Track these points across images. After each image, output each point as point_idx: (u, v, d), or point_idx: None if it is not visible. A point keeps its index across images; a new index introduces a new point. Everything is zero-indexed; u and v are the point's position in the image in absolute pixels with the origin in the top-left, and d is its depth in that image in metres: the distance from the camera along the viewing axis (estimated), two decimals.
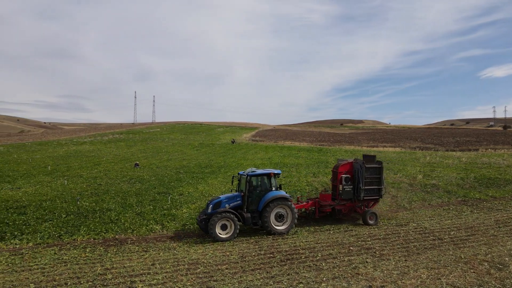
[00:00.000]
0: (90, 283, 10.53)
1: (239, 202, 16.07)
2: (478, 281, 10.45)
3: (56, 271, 11.55)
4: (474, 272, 11.09)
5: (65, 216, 17.40)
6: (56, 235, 15.30)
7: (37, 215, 17.36)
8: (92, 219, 17.14)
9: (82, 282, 10.60)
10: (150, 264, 12.12)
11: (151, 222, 17.01)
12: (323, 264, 11.92)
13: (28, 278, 10.91)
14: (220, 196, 16.52)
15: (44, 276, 11.12)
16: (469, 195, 23.05)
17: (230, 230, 15.20)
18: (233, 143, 56.77)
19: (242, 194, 16.23)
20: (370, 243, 14.36)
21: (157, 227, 16.55)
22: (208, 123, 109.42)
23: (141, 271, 11.45)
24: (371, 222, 17.24)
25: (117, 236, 15.44)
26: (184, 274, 11.17)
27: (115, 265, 12.02)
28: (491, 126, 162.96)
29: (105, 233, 15.67)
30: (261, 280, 10.63)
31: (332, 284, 10.33)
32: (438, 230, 16.15)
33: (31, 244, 14.47)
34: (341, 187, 17.92)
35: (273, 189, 16.42)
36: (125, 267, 11.86)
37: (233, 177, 17.80)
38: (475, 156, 39.95)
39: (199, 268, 11.64)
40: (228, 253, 13.26)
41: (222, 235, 15.06)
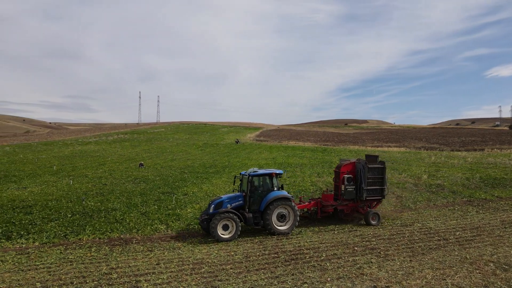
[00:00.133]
0: (95, 282, 10.60)
1: (241, 202, 16.03)
2: (483, 281, 10.39)
3: (62, 270, 11.63)
4: (479, 273, 11.03)
5: (70, 215, 17.54)
6: (62, 235, 15.41)
7: (43, 215, 17.51)
8: (98, 218, 17.25)
9: (87, 281, 10.68)
10: (155, 263, 12.17)
11: (155, 222, 17.08)
12: (328, 264, 11.91)
13: (34, 277, 11.00)
14: (222, 196, 16.50)
15: (50, 275, 11.21)
16: (474, 196, 22.90)
17: (231, 230, 15.15)
18: (237, 143, 56.82)
19: (244, 194, 16.17)
20: (374, 243, 14.32)
21: (162, 227, 16.62)
22: (212, 123, 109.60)
23: (146, 270, 11.50)
24: (373, 222, 17.18)
25: (122, 236, 15.52)
26: (188, 273, 11.21)
27: (120, 265, 12.09)
28: (497, 125, 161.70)
29: (110, 232, 15.77)
30: (265, 280, 10.64)
31: (337, 284, 10.32)
32: (443, 230, 16.07)
33: (37, 244, 14.59)
34: (343, 187, 17.86)
35: (275, 189, 16.36)
36: (130, 266, 11.92)
37: (235, 177, 17.76)
38: (480, 156, 39.70)
39: (203, 268, 11.67)
40: (232, 253, 13.28)
41: (224, 235, 15.02)
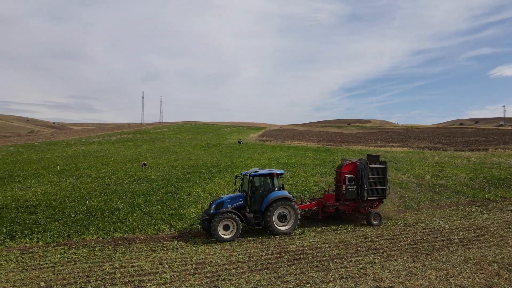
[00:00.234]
0: (99, 281, 10.65)
1: (242, 202, 16.01)
2: (487, 282, 10.34)
3: (65, 269, 11.70)
4: (483, 273, 10.98)
5: (74, 215, 17.62)
6: (66, 234, 15.49)
7: (47, 215, 17.61)
8: (101, 218, 17.33)
9: (91, 280, 10.73)
10: (158, 263, 12.21)
11: (159, 221, 17.13)
12: (331, 264, 11.90)
13: (38, 277, 11.07)
14: (223, 196, 16.49)
15: (54, 274, 11.27)
16: (478, 196, 22.80)
17: (232, 230, 15.13)
18: (240, 143, 56.84)
19: (245, 194, 16.14)
20: (377, 243, 14.29)
21: (165, 227, 16.67)
22: (215, 123, 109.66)
23: (149, 270, 11.54)
24: (374, 222, 17.15)
25: (125, 236, 15.58)
26: (192, 273, 11.24)
27: (123, 264, 12.14)
28: (501, 125, 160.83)
29: (113, 232, 15.83)
30: (268, 280, 10.65)
31: (340, 284, 10.31)
32: (446, 230, 16.01)
33: (41, 243, 14.67)
34: (344, 187, 17.83)
35: (276, 189, 16.35)
36: (133, 266, 11.97)
37: (236, 177, 17.73)
38: (484, 156, 39.51)
39: (206, 268, 11.70)
40: (235, 253, 13.30)
41: (224, 235, 14.99)
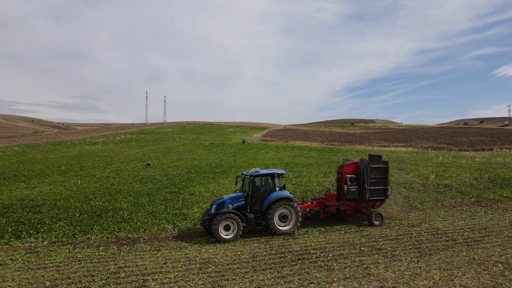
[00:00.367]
0: (103, 281, 10.70)
1: (243, 202, 15.99)
2: (492, 282, 10.30)
3: (70, 269, 11.77)
4: (487, 274, 10.93)
5: (79, 215, 17.72)
6: (70, 234, 15.58)
7: (52, 214, 17.71)
8: (105, 218, 17.41)
9: (95, 280, 10.78)
10: (162, 263, 12.26)
11: (162, 221, 17.19)
12: (334, 264, 11.89)
13: (43, 276, 11.14)
14: (224, 196, 16.48)
15: (59, 274, 11.34)
16: (483, 196, 22.68)
17: (233, 230, 15.11)
18: (243, 143, 56.88)
19: (246, 194, 16.11)
20: (381, 243, 14.26)
21: (169, 227, 16.72)
22: (218, 123, 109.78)
23: (154, 269, 11.59)
24: (376, 223, 17.09)
25: (129, 235, 15.64)
26: (195, 273, 11.27)
27: (128, 264, 12.19)
28: (506, 125, 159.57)
29: (118, 232, 15.90)
30: (272, 280, 10.65)
31: (343, 284, 10.30)
32: (451, 231, 15.94)
33: (46, 243, 14.77)
34: (345, 187, 17.78)
35: (277, 189, 16.31)
36: (137, 265, 12.02)
37: (237, 177, 17.65)
38: (489, 156, 39.28)
39: (210, 267, 11.72)
40: (239, 253, 13.32)
41: (225, 235, 14.97)
